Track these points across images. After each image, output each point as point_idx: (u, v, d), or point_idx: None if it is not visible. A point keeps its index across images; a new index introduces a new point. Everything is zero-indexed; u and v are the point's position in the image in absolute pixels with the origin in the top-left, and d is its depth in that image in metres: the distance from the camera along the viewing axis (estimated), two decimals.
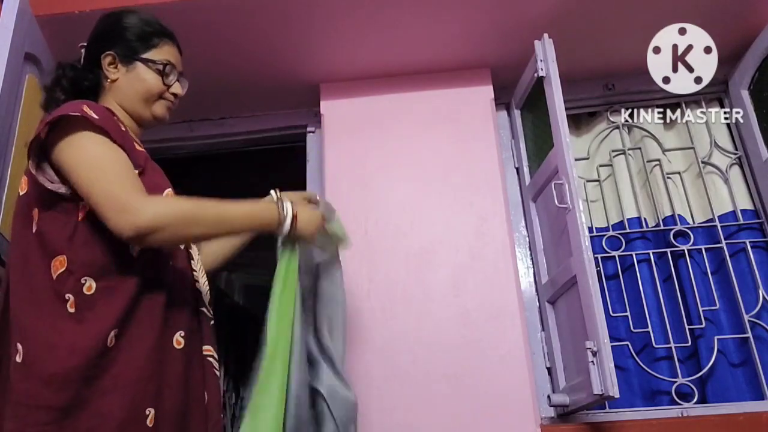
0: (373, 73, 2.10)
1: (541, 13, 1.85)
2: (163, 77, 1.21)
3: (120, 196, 0.98)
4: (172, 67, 1.23)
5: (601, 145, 2.15)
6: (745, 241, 1.90)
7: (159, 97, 1.22)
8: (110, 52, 1.19)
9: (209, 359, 1.14)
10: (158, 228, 0.97)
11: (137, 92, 1.20)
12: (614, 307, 1.90)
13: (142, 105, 1.21)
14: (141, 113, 1.22)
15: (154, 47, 1.21)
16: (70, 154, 1.01)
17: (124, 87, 1.20)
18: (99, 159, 1.02)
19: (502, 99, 2.15)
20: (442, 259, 1.87)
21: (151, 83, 1.20)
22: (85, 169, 1.00)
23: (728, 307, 1.87)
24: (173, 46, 1.25)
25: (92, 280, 0.99)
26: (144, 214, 0.97)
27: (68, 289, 0.98)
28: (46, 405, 0.91)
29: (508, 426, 1.67)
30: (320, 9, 1.80)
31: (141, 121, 1.23)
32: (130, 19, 1.23)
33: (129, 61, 1.20)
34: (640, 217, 2.00)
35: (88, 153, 1.01)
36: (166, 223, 0.98)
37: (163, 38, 1.23)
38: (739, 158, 2.03)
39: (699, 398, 1.74)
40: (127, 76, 1.20)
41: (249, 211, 1.14)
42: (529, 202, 1.98)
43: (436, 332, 1.77)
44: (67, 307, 0.97)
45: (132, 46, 1.20)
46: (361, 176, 2.00)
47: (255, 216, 1.14)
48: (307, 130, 2.21)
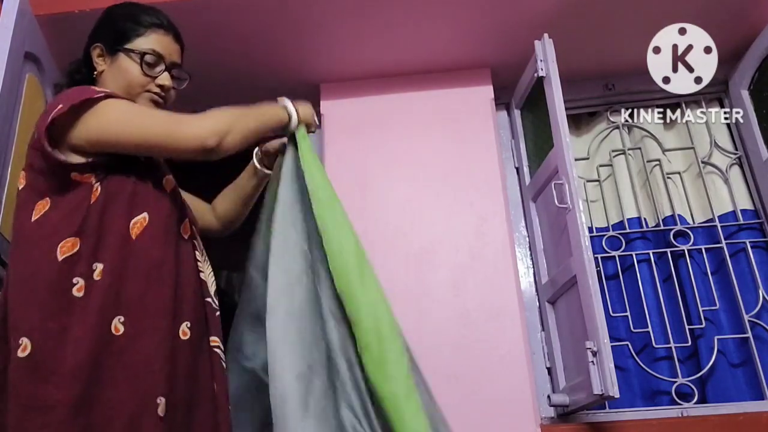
0: (373, 73, 2.10)
1: (541, 13, 1.85)
2: (143, 67, 1.13)
3: (180, 123, 1.04)
4: (156, 57, 1.15)
5: (601, 145, 2.15)
6: (745, 241, 1.90)
7: (143, 90, 1.15)
8: (98, 44, 1.16)
9: (216, 350, 1.12)
10: (225, 131, 1.05)
11: (119, 84, 1.13)
12: (614, 307, 1.90)
13: (127, 97, 1.13)
14: None
15: (139, 36, 1.15)
16: (109, 120, 1.03)
17: (108, 79, 1.15)
18: (138, 110, 1.08)
19: (502, 99, 2.15)
20: (442, 259, 1.87)
21: (132, 74, 1.13)
22: (131, 124, 1.04)
23: (728, 307, 1.87)
24: (166, 35, 1.17)
25: (101, 264, 0.98)
26: (206, 125, 1.04)
27: (78, 272, 0.97)
28: (55, 403, 0.88)
29: (508, 426, 1.67)
30: (320, 9, 1.80)
31: None
32: (120, 8, 1.19)
33: (114, 51, 1.15)
34: (640, 217, 2.00)
35: (127, 110, 1.06)
36: (227, 123, 1.06)
37: (152, 27, 1.16)
38: (739, 158, 2.03)
39: (699, 398, 1.74)
40: (111, 67, 1.15)
41: (268, 109, 1.22)
42: (529, 202, 1.98)
43: (436, 332, 1.77)
44: (74, 292, 0.95)
45: (116, 36, 1.15)
46: (361, 176, 2.00)
47: (274, 113, 1.22)
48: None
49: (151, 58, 1.14)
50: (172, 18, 1.20)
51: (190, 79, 1.23)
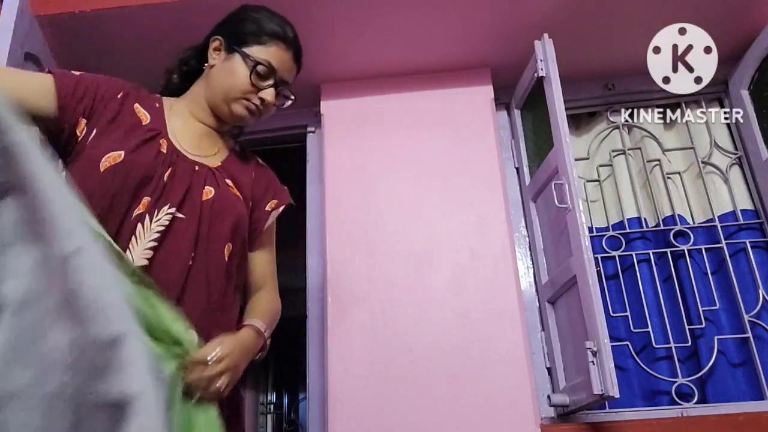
0: (373, 73, 2.10)
1: (541, 13, 1.85)
2: (252, 75, 1.12)
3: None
4: (269, 70, 1.13)
5: (601, 145, 2.15)
6: (745, 241, 1.90)
7: (243, 96, 1.13)
8: (218, 37, 1.16)
9: None
10: None
11: (223, 84, 1.13)
12: (614, 307, 1.90)
13: (222, 98, 1.14)
14: (220, 107, 1.15)
15: (261, 44, 1.13)
16: None
17: (215, 75, 1.14)
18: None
19: (502, 99, 2.15)
20: (442, 259, 1.87)
21: (239, 78, 1.12)
22: None
23: (728, 307, 1.87)
24: (286, 51, 1.16)
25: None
26: None
27: None
28: None
29: (508, 426, 1.67)
30: (320, 9, 1.80)
31: (220, 115, 1.17)
32: (252, 11, 1.17)
33: (231, 50, 1.14)
34: (640, 217, 2.00)
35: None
36: None
37: (276, 39, 1.14)
38: (739, 158, 2.03)
39: (699, 398, 1.74)
40: (223, 64, 1.14)
41: None
42: (529, 202, 1.98)
43: (436, 332, 1.77)
44: None
45: (239, 36, 1.14)
46: (361, 176, 2.00)
47: None
48: (307, 130, 2.21)
49: (263, 70, 1.13)
50: (172, 19, 1.20)
51: (294, 101, 1.22)
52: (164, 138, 1.10)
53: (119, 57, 1.90)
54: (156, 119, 1.12)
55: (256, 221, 1.21)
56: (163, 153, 1.08)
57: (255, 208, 1.21)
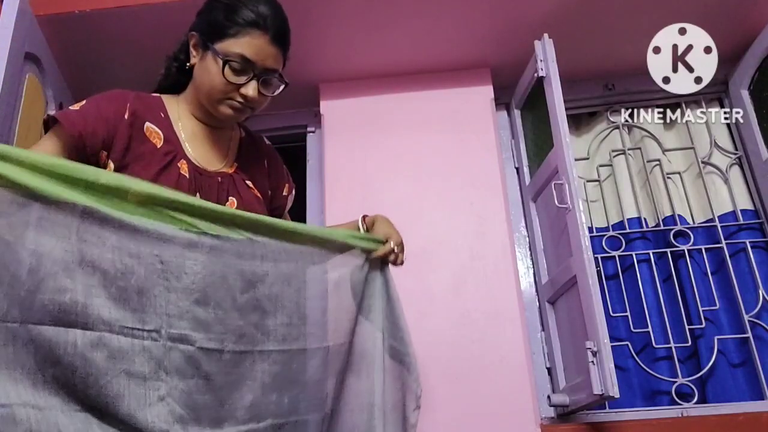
0: (373, 73, 2.10)
1: (541, 13, 1.85)
2: (224, 73, 1.02)
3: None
4: (244, 63, 1.03)
5: (601, 145, 2.15)
6: (745, 241, 1.90)
7: (225, 97, 1.05)
8: (194, 32, 1.08)
9: None
10: None
11: (203, 86, 1.06)
12: (614, 307, 1.90)
13: (207, 101, 1.07)
14: (209, 108, 1.09)
15: (231, 36, 1.02)
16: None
17: (197, 75, 1.08)
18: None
19: (502, 99, 2.15)
20: (442, 259, 1.87)
21: (214, 79, 1.03)
22: None
23: (728, 307, 1.87)
24: (262, 36, 1.03)
25: None
26: None
27: None
28: None
29: (508, 426, 1.66)
30: (320, 9, 1.80)
31: (214, 114, 1.10)
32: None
33: (204, 47, 1.05)
34: (640, 217, 2.00)
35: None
36: None
37: (248, 26, 1.02)
38: (739, 158, 2.03)
39: (699, 398, 1.74)
40: (201, 63, 1.06)
41: None
42: (529, 202, 1.98)
43: (436, 332, 1.77)
44: None
45: (210, 29, 1.05)
46: (361, 176, 2.00)
47: None
48: (307, 130, 2.21)
49: (237, 65, 1.03)
50: (171, 19, 1.18)
51: (287, 86, 1.10)
52: (182, 159, 1.07)
53: (119, 57, 1.90)
54: (168, 136, 1.09)
55: (276, 208, 1.26)
56: (186, 177, 1.05)
57: (273, 196, 1.25)
